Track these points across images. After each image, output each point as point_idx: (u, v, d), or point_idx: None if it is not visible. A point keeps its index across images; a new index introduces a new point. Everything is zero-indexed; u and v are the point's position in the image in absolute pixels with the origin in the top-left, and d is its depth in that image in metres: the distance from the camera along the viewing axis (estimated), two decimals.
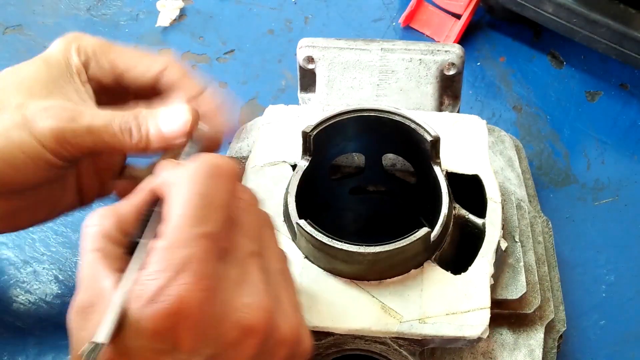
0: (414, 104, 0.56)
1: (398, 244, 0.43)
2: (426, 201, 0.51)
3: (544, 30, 0.74)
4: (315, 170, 0.50)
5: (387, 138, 0.51)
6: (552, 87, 0.72)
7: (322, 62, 0.57)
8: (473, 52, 0.74)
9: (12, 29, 0.76)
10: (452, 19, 0.74)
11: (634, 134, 0.69)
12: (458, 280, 0.45)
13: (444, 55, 0.57)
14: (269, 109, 0.55)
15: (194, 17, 0.77)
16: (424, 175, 0.51)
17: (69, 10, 0.77)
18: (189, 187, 0.36)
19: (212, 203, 0.36)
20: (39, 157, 0.45)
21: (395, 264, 0.45)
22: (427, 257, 0.46)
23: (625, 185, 0.66)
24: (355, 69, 0.57)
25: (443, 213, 0.46)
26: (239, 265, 0.37)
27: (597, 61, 0.74)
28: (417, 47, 0.57)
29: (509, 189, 0.54)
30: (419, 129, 0.48)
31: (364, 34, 0.75)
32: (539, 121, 0.70)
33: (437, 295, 0.44)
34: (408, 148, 0.51)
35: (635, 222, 0.64)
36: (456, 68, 0.57)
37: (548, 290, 0.51)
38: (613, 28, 0.66)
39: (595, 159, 0.67)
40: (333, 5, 0.78)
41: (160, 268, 0.34)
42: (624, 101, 0.71)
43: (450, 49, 0.57)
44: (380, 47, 0.57)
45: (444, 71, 0.57)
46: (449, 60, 0.56)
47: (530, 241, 0.52)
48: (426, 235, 0.44)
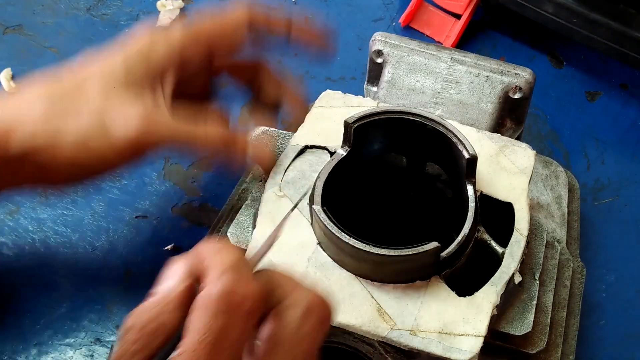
0: (469, 119, 0.55)
1: (404, 251, 0.43)
2: (455, 218, 0.50)
3: (544, 31, 0.74)
4: (353, 161, 0.49)
5: (430, 146, 0.50)
6: (552, 87, 0.72)
7: (390, 59, 0.57)
8: (473, 52, 0.74)
9: (12, 29, 0.76)
10: (452, 19, 0.74)
11: (634, 134, 0.69)
12: (461, 302, 0.44)
13: (512, 78, 0.56)
14: (325, 93, 0.55)
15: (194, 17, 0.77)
16: (458, 191, 0.50)
17: (69, 10, 0.77)
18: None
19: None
20: (115, 164, 0.49)
21: (400, 271, 0.44)
22: (436, 272, 0.45)
23: (625, 185, 0.66)
24: (421, 73, 0.57)
25: (463, 233, 0.45)
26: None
27: (597, 61, 0.74)
28: (488, 64, 0.57)
29: (545, 225, 0.52)
30: (458, 144, 0.47)
31: (364, 34, 0.75)
32: (539, 121, 0.70)
33: (435, 312, 0.44)
34: (447, 160, 0.50)
35: (635, 222, 0.64)
36: (522, 92, 0.56)
37: (560, 336, 0.50)
38: (613, 28, 0.66)
39: (595, 159, 0.67)
40: (333, 5, 0.78)
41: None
42: (624, 101, 0.71)
43: (521, 73, 0.56)
44: (450, 57, 0.57)
45: (509, 93, 0.56)
46: (517, 83, 0.56)
47: (553, 282, 0.50)
48: (434, 250, 0.43)
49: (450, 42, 0.73)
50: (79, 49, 0.74)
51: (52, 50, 0.74)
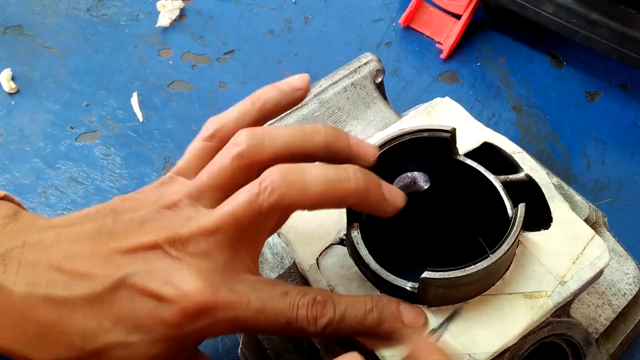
0: (380, 125, 0.55)
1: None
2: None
3: (544, 31, 0.74)
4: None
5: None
6: (552, 87, 0.72)
7: None
8: (473, 52, 0.74)
9: (12, 29, 0.76)
10: (452, 19, 0.74)
11: (634, 134, 0.69)
12: (554, 232, 0.45)
13: (367, 67, 0.58)
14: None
15: (194, 17, 0.77)
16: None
17: (69, 11, 0.77)
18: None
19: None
20: None
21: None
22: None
23: (625, 185, 0.66)
24: (307, 121, 0.56)
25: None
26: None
27: (597, 61, 0.74)
28: (340, 74, 0.58)
29: None
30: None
31: (364, 34, 0.75)
32: (539, 121, 0.70)
33: (554, 254, 0.44)
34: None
35: (635, 222, 0.64)
36: (382, 72, 0.58)
37: None
38: (613, 28, 0.66)
39: (595, 159, 0.67)
40: (333, 5, 0.78)
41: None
42: (624, 101, 0.71)
43: (366, 60, 0.58)
44: (312, 95, 0.57)
45: (375, 81, 0.58)
46: (374, 68, 0.58)
47: None
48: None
49: (450, 42, 0.73)
50: (79, 49, 0.74)
51: (52, 50, 0.74)
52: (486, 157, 0.49)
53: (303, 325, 0.40)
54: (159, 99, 0.71)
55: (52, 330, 0.38)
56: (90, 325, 0.38)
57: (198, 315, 0.38)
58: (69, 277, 0.39)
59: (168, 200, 0.41)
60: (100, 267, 0.39)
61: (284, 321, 0.40)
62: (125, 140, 0.69)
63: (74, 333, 0.38)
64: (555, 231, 0.45)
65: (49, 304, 0.38)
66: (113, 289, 0.38)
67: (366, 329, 0.41)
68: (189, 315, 0.38)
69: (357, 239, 0.44)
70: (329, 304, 0.40)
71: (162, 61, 0.74)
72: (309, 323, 0.40)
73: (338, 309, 0.40)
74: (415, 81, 0.72)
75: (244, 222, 0.39)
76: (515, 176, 0.48)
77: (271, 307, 0.39)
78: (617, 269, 0.51)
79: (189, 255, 0.39)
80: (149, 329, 0.38)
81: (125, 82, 0.72)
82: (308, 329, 0.40)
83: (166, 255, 0.39)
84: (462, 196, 0.51)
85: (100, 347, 0.38)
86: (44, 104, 0.71)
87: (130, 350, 0.38)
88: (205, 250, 0.39)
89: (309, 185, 0.40)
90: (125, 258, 0.39)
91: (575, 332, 0.46)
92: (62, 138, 0.69)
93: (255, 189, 0.39)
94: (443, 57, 0.74)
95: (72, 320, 0.38)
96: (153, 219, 0.40)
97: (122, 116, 0.70)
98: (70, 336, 0.38)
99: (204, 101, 0.71)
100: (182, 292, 0.38)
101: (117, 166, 0.67)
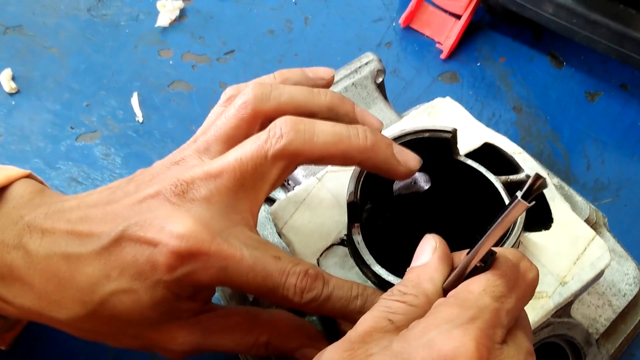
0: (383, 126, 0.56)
1: None
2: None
3: (544, 31, 0.74)
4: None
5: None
6: (552, 87, 0.72)
7: None
8: (473, 52, 0.74)
9: (12, 29, 0.76)
10: (452, 19, 0.74)
11: (634, 134, 0.69)
12: (555, 232, 0.45)
13: (368, 67, 0.58)
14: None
15: (194, 17, 0.77)
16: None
17: (69, 10, 0.77)
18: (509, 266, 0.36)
19: (516, 286, 0.36)
20: None
21: None
22: None
23: (625, 185, 0.66)
24: None
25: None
26: (515, 356, 0.35)
27: (597, 61, 0.74)
28: (341, 74, 0.58)
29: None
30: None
31: (364, 34, 0.75)
32: (539, 121, 0.70)
33: (554, 254, 0.45)
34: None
35: (635, 222, 0.64)
36: (383, 72, 0.58)
37: None
38: (613, 28, 0.66)
39: (595, 159, 0.68)
40: (333, 5, 0.78)
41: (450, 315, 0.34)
42: (624, 101, 0.71)
43: (367, 60, 0.58)
44: None
45: (376, 81, 0.58)
46: (375, 68, 0.58)
47: None
48: None
49: (450, 42, 0.73)
50: (79, 49, 0.74)
51: (52, 50, 0.74)
52: (487, 157, 0.49)
53: (289, 294, 0.40)
54: (159, 99, 0.71)
55: (68, 286, 0.41)
56: (99, 276, 0.40)
57: (189, 257, 0.39)
58: (83, 236, 0.41)
59: (178, 157, 0.43)
60: (109, 224, 0.41)
61: (271, 284, 0.40)
62: (125, 140, 0.69)
63: (85, 286, 0.40)
64: (556, 232, 0.45)
65: (66, 261, 0.41)
66: (116, 241, 0.40)
67: (347, 313, 0.41)
68: (180, 256, 0.39)
69: (358, 239, 0.44)
70: (319, 280, 0.41)
71: (162, 61, 0.74)
72: (295, 293, 0.40)
73: (326, 288, 0.41)
74: (416, 81, 0.72)
75: (248, 167, 0.41)
76: (515, 177, 0.48)
77: (262, 268, 0.40)
78: (617, 270, 0.52)
79: (188, 201, 0.40)
80: (148, 274, 0.40)
81: (125, 82, 0.72)
82: (293, 299, 0.40)
83: (166, 202, 0.40)
84: (462, 197, 0.51)
85: (106, 295, 0.40)
86: (44, 104, 0.71)
87: (133, 297, 0.40)
88: (205, 195, 0.40)
89: (317, 136, 0.41)
90: (130, 211, 0.41)
91: (575, 333, 0.46)
92: (62, 138, 0.69)
93: (264, 136, 0.41)
94: (443, 57, 0.74)
95: (83, 274, 0.40)
96: (161, 173, 0.43)
97: (122, 116, 0.70)
98: (82, 291, 0.41)
99: (204, 101, 0.71)
100: (174, 235, 0.39)
101: (117, 166, 0.67)
